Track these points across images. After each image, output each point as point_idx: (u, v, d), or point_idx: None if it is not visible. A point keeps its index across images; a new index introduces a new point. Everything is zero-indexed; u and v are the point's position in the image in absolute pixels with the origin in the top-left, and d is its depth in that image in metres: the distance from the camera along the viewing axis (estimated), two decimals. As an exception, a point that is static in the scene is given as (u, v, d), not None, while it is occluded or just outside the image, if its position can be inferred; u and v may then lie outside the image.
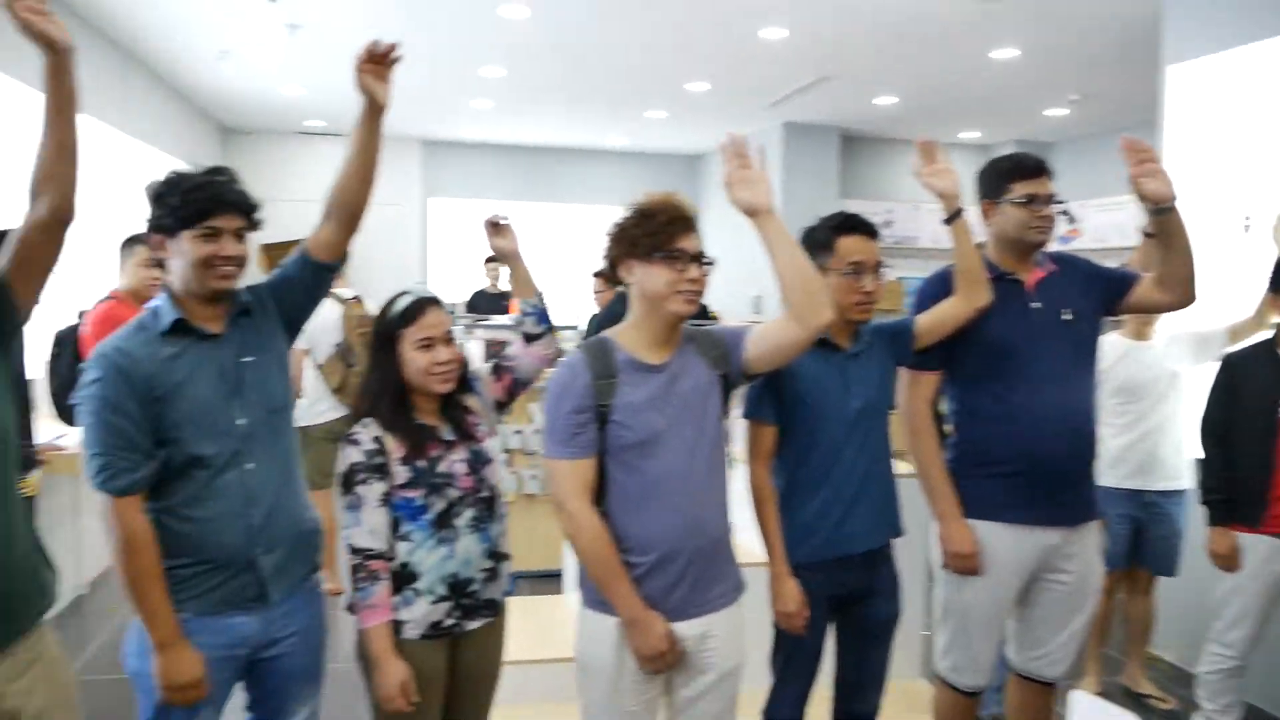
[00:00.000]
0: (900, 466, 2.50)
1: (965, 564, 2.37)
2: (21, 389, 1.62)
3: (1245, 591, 2.82)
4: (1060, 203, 2.36)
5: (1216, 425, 2.85)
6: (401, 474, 1.94)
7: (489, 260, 7.39)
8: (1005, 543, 2.35)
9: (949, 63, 6.35)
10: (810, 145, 8.60)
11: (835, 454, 2.21)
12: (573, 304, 7.32)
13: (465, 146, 10.29)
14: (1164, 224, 2.22)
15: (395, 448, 1.94)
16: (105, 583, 4.71)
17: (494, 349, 5.08)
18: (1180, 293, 2.31)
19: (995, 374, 2.35)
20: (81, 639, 4.04)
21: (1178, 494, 3.39)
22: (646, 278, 1.89)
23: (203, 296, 1.87)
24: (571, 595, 3.38)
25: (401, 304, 2.00)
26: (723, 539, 2.00)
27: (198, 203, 1.78)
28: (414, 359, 1.96)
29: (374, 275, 7.28)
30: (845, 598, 2.26)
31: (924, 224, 9.38)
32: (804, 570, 2.21)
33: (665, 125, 8.98)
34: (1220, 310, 3.26)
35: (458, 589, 1.98)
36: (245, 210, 1.88)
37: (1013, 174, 2.33)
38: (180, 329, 1.84)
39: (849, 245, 2.22)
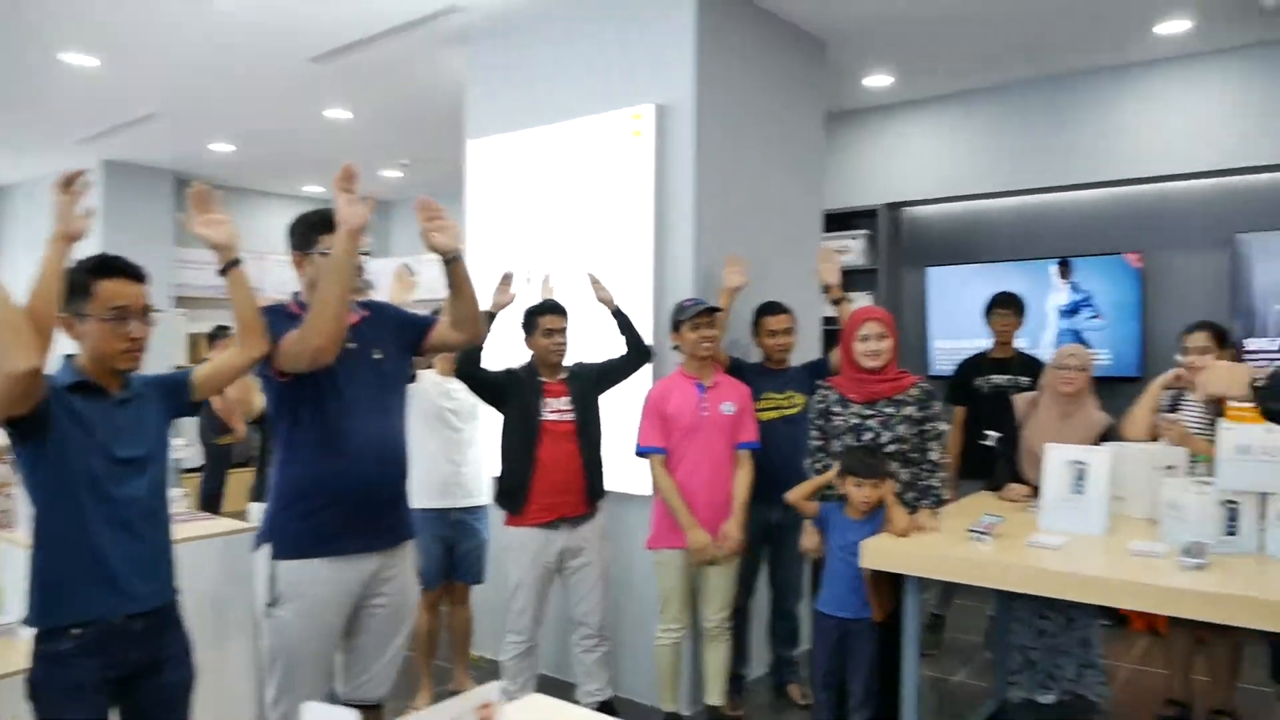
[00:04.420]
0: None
1: None
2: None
3: (525, 582, 3.37)
4: (367, 253, 2.56)
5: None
6: None
7: None
8: (327, 577, 2.44)
9: (284, 117, 6.46)
10: (139, 187, 7.99)
11: (94, 506, 2.08)
12: None
13: None
14: (451, 273, 2.54)
15: None
16: None
17: None
18: (470, 331, 2.66)
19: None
20: None
21: (480, 509, 3.88)
22: None
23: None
24: None
25: None
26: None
27: None
28: None
29: None
30: (129, 676, 2.11)
31: (269, 273, 9.30)
32: (76, 659, 2.02)
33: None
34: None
35: None
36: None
37: (321, 227, 2.48)
38: None
39: (110, 289, 2.10)
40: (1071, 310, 5.68)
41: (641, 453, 3.49)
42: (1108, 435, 3.51)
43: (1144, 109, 5.33)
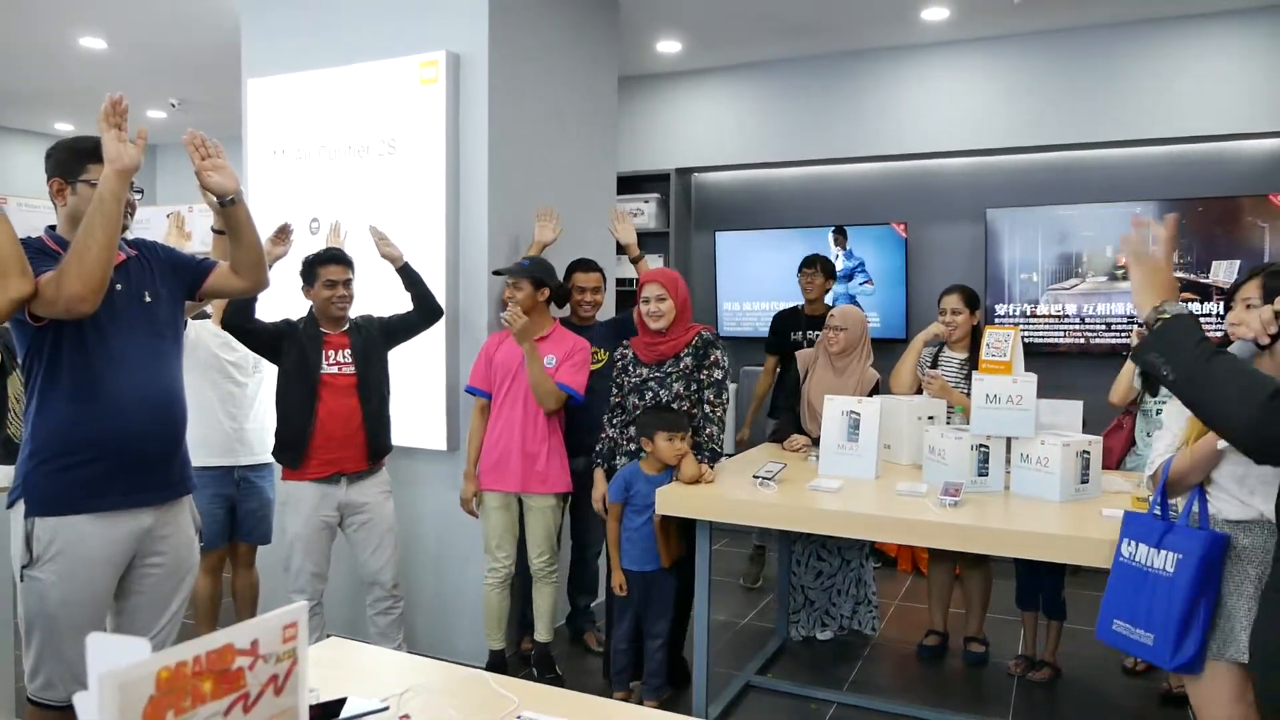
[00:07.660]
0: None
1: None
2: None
3: (300, 535, 3.29)
4: (140, 192, 2.39)
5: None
6: None
7: None
8: (93, 534, 2.27)
9: (29, 43, 5.79)
10: None
11: None
12: None
13: None
14: (230, 216, 2.39)
15: None
16: None
17: None
18: (253, 278, 2.52)
19: (82, 361, 2.25)
20: None
21: (266, 467, 3.70)
22: None
23: None
24: None
25: None
26: None
27: None
28: None
29: None
30: None
31: (12, 218, 8.40)
32: None
33: None
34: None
35: None
36: None
37: (91, 156, 2.26)
38: None
39: None
40: (847, 275, 6.05)
41: (468, 391, 3.74)
42: (878, 390, 3.79)
43: (911, 90, 5.73)
